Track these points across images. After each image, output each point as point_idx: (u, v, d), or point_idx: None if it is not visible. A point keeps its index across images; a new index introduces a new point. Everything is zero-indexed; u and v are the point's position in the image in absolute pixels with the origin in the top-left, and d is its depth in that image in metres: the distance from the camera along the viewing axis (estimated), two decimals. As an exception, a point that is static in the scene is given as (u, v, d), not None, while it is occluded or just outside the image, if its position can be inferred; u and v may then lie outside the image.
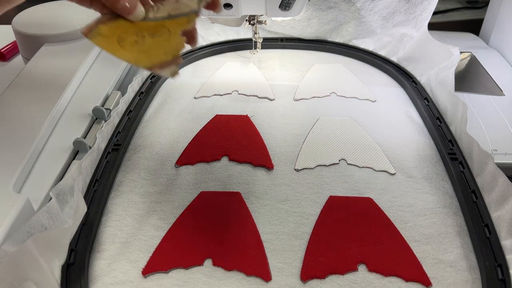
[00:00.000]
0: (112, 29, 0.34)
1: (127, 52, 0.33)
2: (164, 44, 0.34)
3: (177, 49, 0.33)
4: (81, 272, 0.33)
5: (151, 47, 0.33)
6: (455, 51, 0.53)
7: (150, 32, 0.34)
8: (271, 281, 0.34)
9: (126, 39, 0.34)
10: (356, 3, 0.63)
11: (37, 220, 0.33)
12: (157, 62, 0.32)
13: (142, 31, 0.34)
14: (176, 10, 0.35)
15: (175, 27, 0.34)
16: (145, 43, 0.34)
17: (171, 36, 0.34)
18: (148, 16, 0.35)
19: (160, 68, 0.32)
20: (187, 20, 0.34)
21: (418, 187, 0.42)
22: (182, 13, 0.35)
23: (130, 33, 0.34)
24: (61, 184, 0.36)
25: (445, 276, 0.34)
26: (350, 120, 0.51)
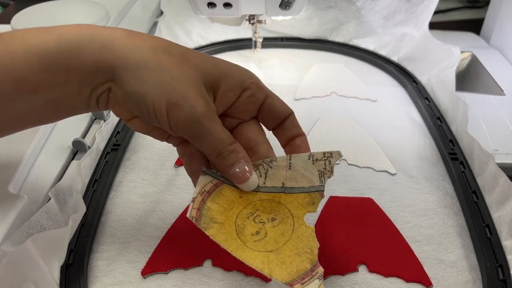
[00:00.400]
0: (225, 213, 0.28)
1: (253, 251, 0.26)
2: (291, 237, 0.26)
3: (312, 249, 0.26)
4: (80, 273, 0.33)
5: (277, 242, 0.26)
6: (456, 51, 0.53)
7: (268, 214, 0.28)
8: (271, 281, 0.34)
9: (244, 228, 0.27)
10: (356, 3, 0.63)
11: (36, 220, 0.33)
12: (295, 273, 0.25)
13: (256, 212, 0.28)
14: (292, 181, 0.29)
15: (296, 210, 0.27)
16: (269, 235, 0.27)
17: (297, 226, 0.27)
18: (258, 183, 0.29)
19: (302, 283, 0.24)
20: (310, 201, 0.28)
21: (419, 187, 0.42)
22: (301, 188, 0.28)
23: (245, 217, 0.28)
24: (60, 184, 0.36)
25: (445, 276, 0.34)
26: (351, 120, 0.51)
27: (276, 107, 0.31)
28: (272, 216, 0.28)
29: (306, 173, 0.29)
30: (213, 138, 0.28)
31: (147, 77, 0.26)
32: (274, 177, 0.30)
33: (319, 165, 0.29)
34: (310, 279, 0.25)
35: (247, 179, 0.29)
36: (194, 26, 0.67)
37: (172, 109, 0.26)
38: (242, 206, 0.28)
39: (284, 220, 0.27)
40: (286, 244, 0.26)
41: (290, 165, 0.30)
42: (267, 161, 0.30)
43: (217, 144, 0.28)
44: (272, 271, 0.25)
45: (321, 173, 0.29)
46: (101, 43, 0.26)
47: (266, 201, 0.29)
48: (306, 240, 0.26)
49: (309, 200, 0.28)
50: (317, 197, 0.28)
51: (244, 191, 0.29)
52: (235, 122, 0.31)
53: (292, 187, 0.29)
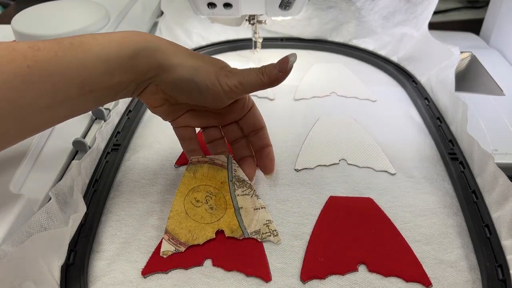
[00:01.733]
0: (202, 177, 0.39)
1: (181, 203, 0.38)
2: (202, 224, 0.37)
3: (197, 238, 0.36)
4: (80, 273, 0.33)
5: (195, 216, 0.37)
6: (456, 51, 0.53)
7: (213, 204, 0.38)
8: (271, 281, 0.34)
9: (198, 191, 0.39)
10: (356, 3, 0.63)
11: (36, 220, 0.33)
12: (175, 234, 0.36)
13: (212, 198, 0.38)
14: (245, 214, 0.38)
15: (224, 222, 0.37)
16: (198, 209, 0.38)
17: (212, 225, 0.37)
18: (236, 189, 0.39)
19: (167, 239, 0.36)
20: (234, 229, 0.37)
21: (419, 187, 0.42)
22: (241, 222, 0.37)
23: (205, 191, 0.39)
24: (61, 184, 0.36)
25: (445, 276, 0.34)
26: (350, 120, 0.51)
27: (255, 117, 0.40)
28: (214, 206, 0.38)
29: (255, 223, 0.37)
30: (250, 71, 0.35)
31: (188, 67, 0.34)
32: (245, 201, 0.38)
33: (264, 229, 0.37)
34: (173, 244, 0.36)
35: (287, 61, 0.35)
36: (194, 26, 0.67)
37: (219, 73, 0.34)
38: (215, 183, 0.39)
39: (212, 216, 0.37)
40: (196, 222, 0.37)
41: (256, 210, 0.38)
42: (256, 193, 0.39)
43: (255, 70, 0.35)
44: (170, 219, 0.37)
45: (257, 232, 0.37)
46: (153, 49, 0.33)
47: (224, 201, 0.38)
48: (204, 232, 0.36)
49: (235, 228, 0.37)
50: (238, 232, 0.37)
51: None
52: (228, 121, 0.41)
53: (240, 216, 0.37)
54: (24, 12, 0.63)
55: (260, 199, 0.39)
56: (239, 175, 0.40)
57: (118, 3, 0.70)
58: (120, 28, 0.66)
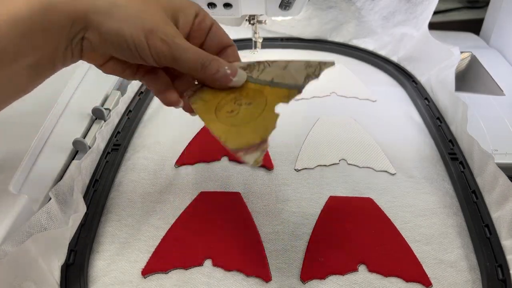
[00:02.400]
0: (214, 95, 0.33)
1: (221, 123, 0.31)
2: (257, 118, 0.30)
3: (267, 129, 0.29)
4: (80, 273, 0.33)
5: (243, 120, 0.31)
6: (456, 51, 0.53)
7: (248, 100, 0.32)
8: (271, 281, 0.34)
9: (223, 106, 0.32)
10: (356, 3, 0.63)
11: (36, 220, 0.33)
12: (245, 143, 0.28)
13: (240, 97, 0.32)
14: (280, 77, 0.32)
15: (272, 99, 0.31)
16: (239, 114, 0.31)
17: (266, 111, 0.31)
18: (252, 75, 0.33)
19: (246, 152, 0.28)
20: (287, 95, 0.31)
21: (419, 187, 0.42)
22: (286, 84, 0.32)
23: (229, 100, 0.32)
24: (61, 184, 0.36)
25: (445, 276, 0.34)
26: (350, 120, 0.51)
27: (219, 35, 0.35)
28: (250, 101, 0.32)
29: (295, 74, 0.32)
30: (192, 53, 0.30)
31: (120, 15, 0.28)
32: (268, 73, 0.33)
33: (310, 70, 0.32)
34: (254, 151, 0.28)
35: (235, 74, 0.32)
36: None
37: (149, 37, 0.29)
38: (230, 91, 0.33)
39: (258, 105, 0.31)
40: (250, 122, 0.30)
41: (285, 67, 0.33)
42: (269, 61, 0.34)
43: (198, 57, 0.30)
44: (227, 139, 0.29)
45: (308, 76, 0.32)
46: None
47: (252, 90, 0.33)
48: (267, 121, 0.30)
49: (286, 94, 0.31)
50: (294, 93, 0.31)
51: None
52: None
53: (279, 82, 0.32)
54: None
55: (278, 60, 0.34)
56: (241, 65, 0.35)
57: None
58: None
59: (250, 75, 0.34)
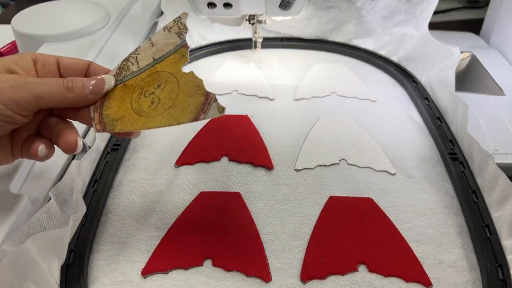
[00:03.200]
0: (118, 106, 0.32)
1: (155, 116, 0.30)
2: (180, 87, 0.30)
3: (196, 85, 0.29)
4: (80, 273, 0.33)
5: (171, 98, 0.30)
6: (456, 51, 0.53)
7: (153, 85, 0.32)
8: (271, 281, 0.34)
9: (140, 105, 0.31)
10: (356, 3, 0.63)
11: (36, 220, 0.33)
12: (194, 109, 0.29)
13: (143, 89, 0.32)
14: (159, 52, 0.33)
15: (172, 67, 0.31)
16: (162, 99, 0.30)
17: (179, 77, 0.31)
18: (132, 70, 0.33)
19: (204, 113, 0.28)
20: (180, 56, 0.31)
21: (419, 187, 0.42)
22: (169, 52, 0.32)
23: (136, 97, 0.32)
24: (60, 184, 0.36)
25: (445, 276, 0.34)
26: (351, 120, 0.51)
27: (71, 62, 0.34)
28: (156, 84, 0.32)
29: (167, 40, 0.33)
30: (49, 83, 0.30)
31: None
32: (144, 59, 0.33)
33: (175, 29, 0.33)
34: (208, 106, 0.28)
35: (103, 83, 0.32)
36: (194, 26, 0.67)
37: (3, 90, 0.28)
38: (130, 93, 0.32)
39: (168, 81, 0.31)
40: (178, 95, 0.30)
41: (152, 43, 0.34)
42: (133, 52, 0.34)
43: (57, 84, 0.30)
44: (179, 119, 0.29)
45: (179, 34, 0.32)
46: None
47: (147, 77, 0.33)
48: (191, 82, 0.30)
49: (179, 56, 0.32)
50: (184, 50, 0.32)
51: (125, 83, 0.33)
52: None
53: (161, 56, 0.32)
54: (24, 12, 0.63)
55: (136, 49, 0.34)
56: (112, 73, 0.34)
57: (118, 3, 0.70)
58: (120, 28, 0.66)
59: (130, 71, 0.33)
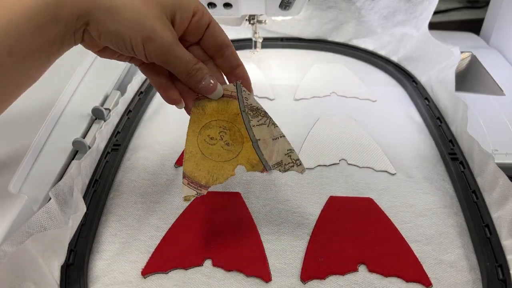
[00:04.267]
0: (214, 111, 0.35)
1: (196, 142, 0.35)
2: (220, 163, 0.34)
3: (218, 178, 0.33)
4: (80, 273, 0.33)
5: (211, 155, 0.34)
6: (456, 51, 0.53)
7: (230, 139, 0.35)
8: (271, 281, 0.34)
9: (211, 128, 0.35)
10: (356, 3, 0.63)
11: (36, 220, 0.33)
12: (194, 176, 0.33)
13: (228, 131, 0.35)
14: (264, 145, 0.35)
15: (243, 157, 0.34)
16: (214, 147, 0.35)
17: (230, 163, 0.34)
18: (252, 120, 0.35)
19: (188, 183, 0.33)
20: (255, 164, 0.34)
21: (419, 187, 0.42)
22: (261, 154, 0.35)
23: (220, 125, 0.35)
24: (60, 184, 0.36)
25: (445, 276, 0.34)
26: (351, 120, 0.51)
27: (217, 32, 0.35)
28: (231, 142, 0.35)
29: (275, 153, 0.34)
30: (181, 61, 0.32)
31: (120, 17, 0.30)
32: (261, 131, 0.35)
33: (285, 160, 0.34)
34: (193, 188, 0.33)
35: (214, 89, 0.34)
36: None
37: (146, 42, 0.31)
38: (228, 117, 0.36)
39: (230, 152, 0.35)
40: (213, 162, 0.34)
41: (276, 138, 0.35)
42: (272, 122, 0.36)
43: (186, 65, 0.33)
44: (188, 160, 0.34)
45: (278, 163, 0.34)
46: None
47: (240, 134, 0.35)
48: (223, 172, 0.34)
49: (255, 163, 0.34)
50: (260, 167, 0.34)
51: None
52: (186, 44, 0.35)
53: (259, 147, 0.35)
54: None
55: (278, 127, 0.35)
56: (252, 104, 0.36)
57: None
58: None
59: (252, 119, 0.35)
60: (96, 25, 0.30)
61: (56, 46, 0.30)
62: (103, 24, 0.30)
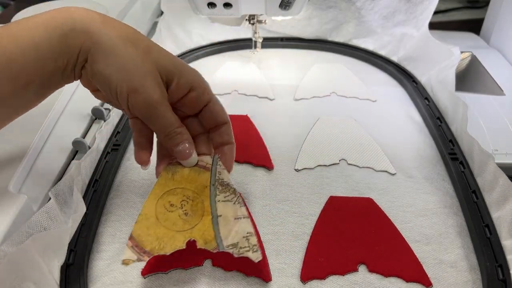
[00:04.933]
0: (183, 179, 0.35)
1: (154, 207, 0.33)
2: (171, 233, 0.32)
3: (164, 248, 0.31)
4: (80, 273, 0.33)
5: (165, 223, 0.33)
6: (456, 51, 0.53)
7: (190, 210, 0.34)
8: (271, 281, 0.34)
9: (174, 195, 0.34)
10: (356, 3, 0.63)
11: (36, 220, 0.33)
12: (140, 241, 0.31)
13: (190, 202, 0.34)
14: (223, 223, 0.33)
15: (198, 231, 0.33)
16: (170, 215, 0.33)
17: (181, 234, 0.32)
18: (219, 194, 0.34)
19: (132, 247, 0.31)
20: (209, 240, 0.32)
21: (419, 187, 0.42)
22: (218, 232, 0.33)
23: (184, 194, 0.34)
24: (60, 184, 0.36)
25: (445, 276, 0.34)
26: (351, 120, 0.51)
27: (215, 113, 0.35)
28: (190, 213, 0.34)
29: (233, 233, 0.32)
30: (164, 121, 0.32)
31: (114, 62, 0.30)
32: (225, 207, 0.34)
33: (242, 243, 0.32)
34: (135, 253, 0.31)
35: (188, 156, 0.34)
36: (194, 26, 0.67)
37: (132, 94, 0.31)
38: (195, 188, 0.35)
39: (186, 223, 0.33)
40: (165, 230, 0.32)
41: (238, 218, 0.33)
42: (241, 199, 0.34)
43: (166, 127, 0.33)
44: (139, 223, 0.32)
45: (233, 245, 0.32)
46: (82, 29, 0.30)
47: (201, 206, 0.34)
48: (172, 243, 0.32)
49: (209, 239, 0.32)
50: (213, 245, 0.32)
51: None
52: (180, 114, 0.35)
53: (217, 224, 0.33)
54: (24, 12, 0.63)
55: (243, 207, 0.33)
56: (224, 179, 0.35)
57: (118, 3, 0.70)
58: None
59: (219, 194, 0.34)
60: (92, 63, 0.31)
61: (56, 78, 0.31)
62: (97, 64, 0.30)
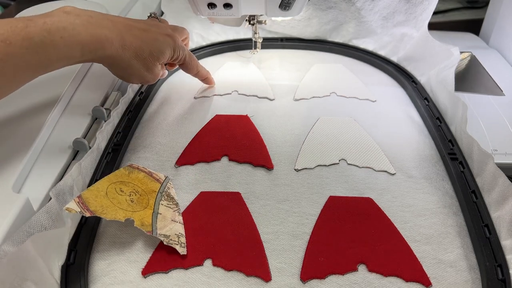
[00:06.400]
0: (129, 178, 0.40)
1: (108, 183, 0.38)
2: (116, 204, 0.36)
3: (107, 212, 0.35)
4: (80, 272, 0.33)
5: (116, 202, 0.37)
6: (455, 51, 0.53)
7: (136, 197, 0.38)
8: (271, 281, 0.34)
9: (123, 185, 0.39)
10: (356, 3, 0.63)
11: (36, 220, 0.33)
12: (88, 204, 0.35)
13: (138, 191, 0.39)
14: (162, 226, 0.37)
15: (138, 213, 0.36)
16: (121, 197, 0.37)
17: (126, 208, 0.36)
18: (163, 199, 0.40)
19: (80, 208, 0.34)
20: (143, 224, 0.36)
21: (418, 187, 0.42)
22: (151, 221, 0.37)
23: (130, 188, 0.39)
24: (61, 184, 0.36)
25: (445, 276, 0.34)
26: (350, 120, 0.51)
27: (191, 67, 0.53)
28: (136, 199, 0.38)
29: (167, 228, 0.37)
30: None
31: (118, 68, 0.44)
32: (167, 211, 0.38)
33: (174, 238, 0.36)
34: (76, 206, 0.34)
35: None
36: (194, 26, 0.67)
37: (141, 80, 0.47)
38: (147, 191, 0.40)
39: (138, 203, 0.38)
40: (113, 201, 0.37)
41: (173, 221, 0.38)
42: (179, 212, 0.39)
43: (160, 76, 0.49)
44: (89, 192, 0.37)
45: (166, 236, 0.36)
46: (106, 55, 0.40)
47: (147, 197, 0.39)
48: (116, 209, 0.36)
49: (145, 222, 0.36)
50: (147, 227, 0.36)
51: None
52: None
53: (156, 218, 0.37)
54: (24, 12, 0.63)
55: (181, 217, 0.38)
56: (170, 193, 0.41)
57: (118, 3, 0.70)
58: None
59: (163, 200, 0.39)
60: (108, 66, 0.44)
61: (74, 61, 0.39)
62: (111, 68, 0.44)
